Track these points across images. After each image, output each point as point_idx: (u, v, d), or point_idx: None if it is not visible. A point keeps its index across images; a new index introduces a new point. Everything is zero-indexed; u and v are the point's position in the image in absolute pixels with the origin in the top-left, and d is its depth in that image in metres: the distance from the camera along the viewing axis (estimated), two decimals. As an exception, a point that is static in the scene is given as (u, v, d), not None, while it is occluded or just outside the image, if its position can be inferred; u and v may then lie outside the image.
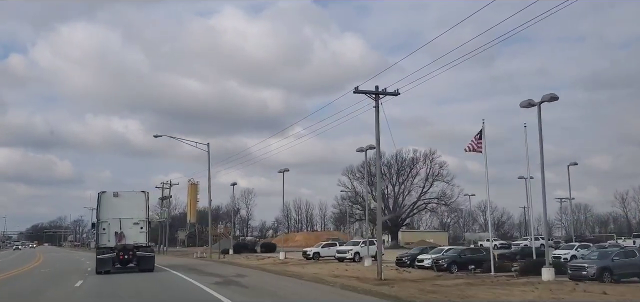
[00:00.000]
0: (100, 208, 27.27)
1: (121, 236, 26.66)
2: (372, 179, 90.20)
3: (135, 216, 27.21)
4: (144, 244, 27.03)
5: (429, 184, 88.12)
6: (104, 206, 27.21)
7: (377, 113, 25.57)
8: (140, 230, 27.17)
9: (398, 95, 25.84)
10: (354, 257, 37.14)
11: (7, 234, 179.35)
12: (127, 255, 26.34)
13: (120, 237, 26.65)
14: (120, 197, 27.50)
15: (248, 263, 38.07)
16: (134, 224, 27.09)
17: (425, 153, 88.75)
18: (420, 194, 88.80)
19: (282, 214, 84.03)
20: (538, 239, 64.95)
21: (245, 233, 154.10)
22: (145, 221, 27.57)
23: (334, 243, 45.45)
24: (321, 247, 43.05)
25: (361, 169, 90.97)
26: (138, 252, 26.45)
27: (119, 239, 26.62)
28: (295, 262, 39.72)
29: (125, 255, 26.30)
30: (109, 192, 27.92)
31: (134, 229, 27.02)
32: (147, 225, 27.93)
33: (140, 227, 27.17)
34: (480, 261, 27.68)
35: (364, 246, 37.92)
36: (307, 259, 42.08)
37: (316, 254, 41.93)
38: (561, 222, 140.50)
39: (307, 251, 42.83)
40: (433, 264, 28.73)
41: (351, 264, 35.53)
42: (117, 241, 26.61)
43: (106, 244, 26.81)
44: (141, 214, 27.38)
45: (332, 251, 42.79)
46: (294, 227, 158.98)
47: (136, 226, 27.10)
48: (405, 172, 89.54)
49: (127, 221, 26.99)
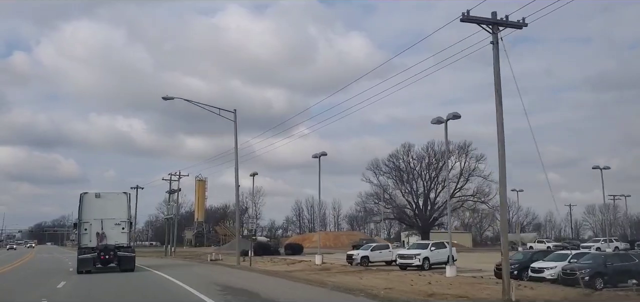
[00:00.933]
0: (82, 208, 27.26)
1: (103, 236, 26.65)
2: (401, 173, 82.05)
3: (116, 217, 27.40)
4: (125, 245, 27.24)
5: (464, 179, 79.21)
6: (85, 206, 27.27)
7: (497, 50, 17.08)
8: (122, 230, 27.39)
9: (525, 26, 17.37)
10: (422, 264, 28.44)
11: (11, 233, 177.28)
12: (108, 255, 26.35)
13: (101, 237, 26.61)
14: (102, 198, 27.68)
15: (280, 270, 29.64)
16: (116, 224, 27.26)
17: (459, 145, 79.87)
18: (454, 191, 79.78)
19: (317, 207, 75.81)
20: (611, 241, 57.21)
21: (254, 232, 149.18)
22: (127, 222, 27.83)
23: (386, 245, 36.86)
24: (370, 250, 34.41)
25: (387, 163, 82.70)
26: (119, 252, 26.57)
27: (100, 240, 26.53)
28: (338, 268, 31.22)
29: (106, 255, 26.30)
30: (91, 192, 28.16)
31: (116, 230, 27.20)
32: (129, 226, 28.29)
33: (121, 228, 27.39)
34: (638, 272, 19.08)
35: (435, 250, 29.46)
36: (351, 264, 33.53)
37: (364, 258, 33.28)
38: (589, 224, 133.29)
39: (353, 254, 34.20)
40: (563, 276, 20.07)
41: (418, 273, 26.88)
42: (99, 241, 26.52)
43: (88, 244, 26.64)
44: (123, 215, 27.58)
45: (383, 254, 34.30)
46: (306, 227, 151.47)
47: (118, 226, 27.29)
48: (438, 166, 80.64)
49: (109, 221, 27.15)
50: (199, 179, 68.95)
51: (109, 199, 28.02)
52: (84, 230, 27.22)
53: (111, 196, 28.52)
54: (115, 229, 27.47)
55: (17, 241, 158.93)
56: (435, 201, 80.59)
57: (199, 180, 68.84)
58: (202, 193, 71.21)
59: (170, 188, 60.41)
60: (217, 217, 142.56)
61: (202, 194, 71.01)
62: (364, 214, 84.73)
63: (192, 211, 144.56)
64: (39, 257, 56.29)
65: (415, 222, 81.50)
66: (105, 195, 28.39)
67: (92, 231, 27.17)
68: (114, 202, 27.94)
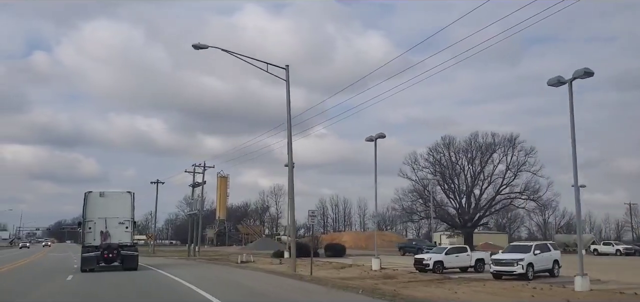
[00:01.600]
0: (86, 207, 27.24)
1: (106, 235, 26.65)
2: (442, 169, 75.19)
3: (120, 216, 27.34)
4: (128, 244, 27.16)
5: (512, 174, 71.90)
6: (90, 205, 27.23)
7: None
8: (125, 229, 27.30)
9: None
10: (526, 272, 21.87)
11: (31, 231, 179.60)
12: (112, 254, 26.40)
13: (105, 236, 26.61)
14: (106, 197, 27.72)
15: (334, 278, 23.38)
16: (120, 223, 27.21)
17: (506, 137, 72.67)
18: (500, 188, 72.69)
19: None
20: None
21: (276, 231, 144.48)
22: (131, 221, 27.67)
23: (463, 248, 30.21)
24: (444, 253, 27.84)
25: (427, 157, 75.73)
26: (122, 251, 26.56)
27: (104, 238, 26.55)
28: (405, 275, 24.87)
29: (109, 254, 26.34)
30: (96, 192, 27.98)
31: (119, 229, 27.12)
32: (133, 225, 28.02)
33: (125, 227, 27.29)
34: None
35: (539, 253, 22.89)
36: (421, 271, 27.08)
37: (438, 264, 26.76)
38: (630, 225, 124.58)
39: (424, 258, 27.69)
40: None
41: (524, 283, 20.36)
42: (102, 240, 26.51)
43: (92, 242, 26.60)
44: (126, 214, 27.51)
45: (461, 259, 27.79)
46: (330, 226, 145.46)
47: (121, 225, 27.23)
48: (483, 161, 73.58)
49: (113, 220, 27.07)
50: (220, 175, 63.64)
51: (113, 198, 27.99)
52: (88, 229, 27.20)
53: (115, 195, 28.52)
54: (119, 228, 27.35)
55: (38, 239, 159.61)
56: (480, 199, 73.42)
57: (220, 176, 63.66)
58: (224, 190, 66.08)
59: (194, 181, 54.59)
60: (237, 215, 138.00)
61: (223, 191, 65.88)
62: (401, 213, 77.57)
63: (212, 209, 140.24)
64: (49, 256, 53.44)
65: (458, 221, 74.56)
66: (109, 194, 28.39)
67: (96, 230, 27.07)
68: (117, 201, 27.90)
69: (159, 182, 73.96)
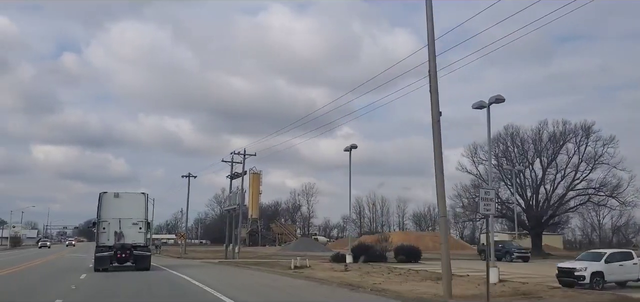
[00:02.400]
0: (101, 208, 27.26)
1: (120, 235, 26.80)
2: (505, 161, 66.62)
3: (134, 217, 27.39)
4: (141, 244, 27.23)
5: (588, 168, 62.67)
6: (104, 205, 27.26)
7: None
8: (139, 230, 27.37)
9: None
10: None
11: (62, 230, 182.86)
12: (125, 254, 26.43)
13: (119, 236, 26.79)
14: (120, 198, 27.75)
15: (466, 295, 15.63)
16: (133, 224, 27.27)
17: (580, 125, 63.55)
18: (572, 183, 63.61)
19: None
20: None
21: (307, 231, 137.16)
22: (144, 222, 27.65)
23: (628, 253, 21.77)
24: (604, 261, 19.64)
25: (488, 149, 67.04)
26: (135, 251, 26.59)
27: (118, 238, 26.77)
28: (558, 296, 16.94)
29: (122, 254, 26.39)
30: (110, 192, 28.03)
31: (133, 229, 27.20)
32: (146, 225, 28.04)
33: (139, 228, 27.38)
34: None
35: None
36: (568, 285, 19.00)
37: (597, 276, 18.72)
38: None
39: (576, 268, 19.56)
40: None
41: None
42: (116, 240, 26.75)
43: (105, 242, 26.73)
44: (140, 215, 27.54)
45: (628, 269, 19.61)
46: (366, 226, 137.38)
47: (135, 226, 27.31)
48: (554, 152, 64.66)
49: (127, 221, 27.14)
50: (253, 171, 57.12)
51: (127, 199, 28.00)
52: (102, 229, 27.20)
53: (129, 196, 28.49)
54: (132, 228, 27.34)
55: (67, 238, 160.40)
56: (552, 196, 64.43)
57: (253, 173, 57.24)
58: (256, 187, 60.12)
59: (232, 172, 47.44)
60: (268, 214, 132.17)
61: (256, 188, 59.93)
62: (467, 209, 68.86)
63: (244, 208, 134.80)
64: (66, 256, 51.56)
65: (524, 220, 65.83)
66: (123, 195, 28.38)
67: (110, 230, 27.07)
68: (132, 202, 27.87)
69: (191, 176, 68.89)
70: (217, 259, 44.16)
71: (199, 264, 37.51)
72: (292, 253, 50.48)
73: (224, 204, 79.66)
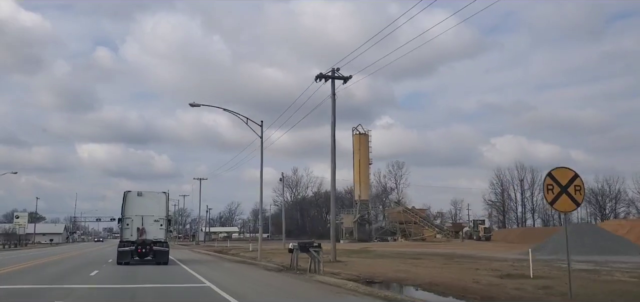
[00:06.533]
0: (125, 206, 28.68)
1: (142, 231, 28.03)
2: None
3: (156, 214, 28.68)
4: (161, 240, 28.53)
5: None
6: (129, 204, 28.65)
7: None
8: (160, 227, 28.64)
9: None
10: None
11: (107, 227, 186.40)
12: (145, 249, 27.77)
13: (141, 232, 28.03)
14: (143, 197, 29.15)
15: None
16: (155, 221, 28.57)
17: None
18: None
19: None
20: None
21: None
22: (165, 219, 28.99)
23: None
24: None
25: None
26: (155, 247, 27.92)
27: (140, 234, 28.00)
28: None
29: (143, 249, 27.73)
30: (134, 191, 29.63)
31: (154, 226, 28.49)
32: (167, 223, 29.28)
33: (160, 224, 28.63)
34: None
35: None
36: None
37: None
38: None
39: None
40: None
41: None
42: (139, 235, 27.96)
43: (129, 238, 28.06)
44: (161, 213, 28.85)
45: None
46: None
47: (156, 223, 28.56)
48: None
49: (149, 218, 28.49)
50: (358, 132, 41.22)
51: (149, 198, 29.07)
52: (126, 225, 28.31)
53: (151, 194, 29.62)
54: (154, 225, 28.38)
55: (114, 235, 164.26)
56: None
57: (358, 133, 41.00)
58: (365, 154, 43.64)
59: (333, 89, 29.73)
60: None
61: (364, 154, 43.46)
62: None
63: (346, 190, 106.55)
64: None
65: None
66: (146, 194, 29.56)
67: (133, 226, 28.19)
68: (153, 200, 28.92)
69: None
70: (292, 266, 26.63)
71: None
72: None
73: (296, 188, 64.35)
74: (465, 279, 18.59)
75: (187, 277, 19.80)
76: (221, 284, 16.90)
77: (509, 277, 19.54)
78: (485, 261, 28.90)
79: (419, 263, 27.22)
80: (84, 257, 38.11)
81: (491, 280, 18.32)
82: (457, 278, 19.09)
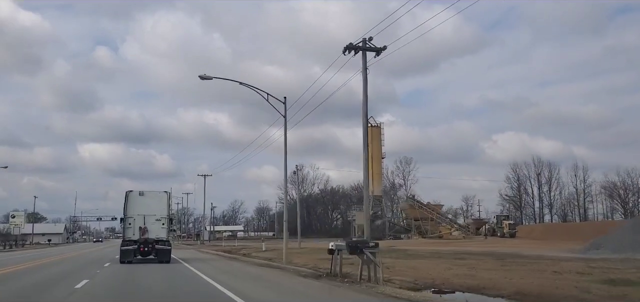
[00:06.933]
0: (127, 205, 28.98)
1: (144, 230, 28.34)
2: None
3: (157, 213, 28.99)
4: (163, 239, 28.77)
5: None
6: (130, 203, 28.94)
7: None
8: (162, 226, 28.87)
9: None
10: None
11: (109, 227, 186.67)
12: (148, 247, 28.12)
13: (143, 231, 28.32)
14: (145, 196, 29.40)
15: None
16: (157, 220, 28.85)
17: None
18: None
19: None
20: None
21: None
22: (167, 218, 29.23)
23: None
24: None
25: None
26: (157, 245, 28.22)
27: (142, 233, 28.32)
28: None
29: (145, 247, 28.10)
30: (136, 191, 29.87)
31: (156, 225, 28.78)
32: (169, 221, 29.52)
33: (162, 224, 28.88)
34: None
35: None
36: None
37: None
38: None
39: None
40: None
41: None
42: (141, 234, 28.31)
43: (131, 237, 28.38)
44: (163, 212, 29.09)
45: None
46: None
47: (158, 222, 28.84)
48: None
49: (150, 217, 28.79)
50: (372, 124, 37.34)
51: (151, 197, 29.32)
52: (128, 224, 28.67)
53: (153, 194, 29.86)
54: (156, 224, 28.68)
55: (116, 235, 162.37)
56: None
57: (369, 126, 36.50)
58: (377, 147, 39.75)
59: (365, 63, 25.49)
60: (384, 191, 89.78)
61: (377, 147, 39.72)
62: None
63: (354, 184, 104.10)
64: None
65: None
66: (147, 193, 29.78)
67: (135, 226, 28.49)
68: (155, 200, 29.17)
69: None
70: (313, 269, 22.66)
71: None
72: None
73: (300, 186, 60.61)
74: (560, 288, 14.44)
75: (206, 290, 14.97)
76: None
77: (612, 283, 15.42)
78: (545, 261, 24.55)
79: (471, 264, 22.97)
80: (78, 260, 33.24)
81: (594, 288, 14.17)
82: (542, 285, 14.94)
